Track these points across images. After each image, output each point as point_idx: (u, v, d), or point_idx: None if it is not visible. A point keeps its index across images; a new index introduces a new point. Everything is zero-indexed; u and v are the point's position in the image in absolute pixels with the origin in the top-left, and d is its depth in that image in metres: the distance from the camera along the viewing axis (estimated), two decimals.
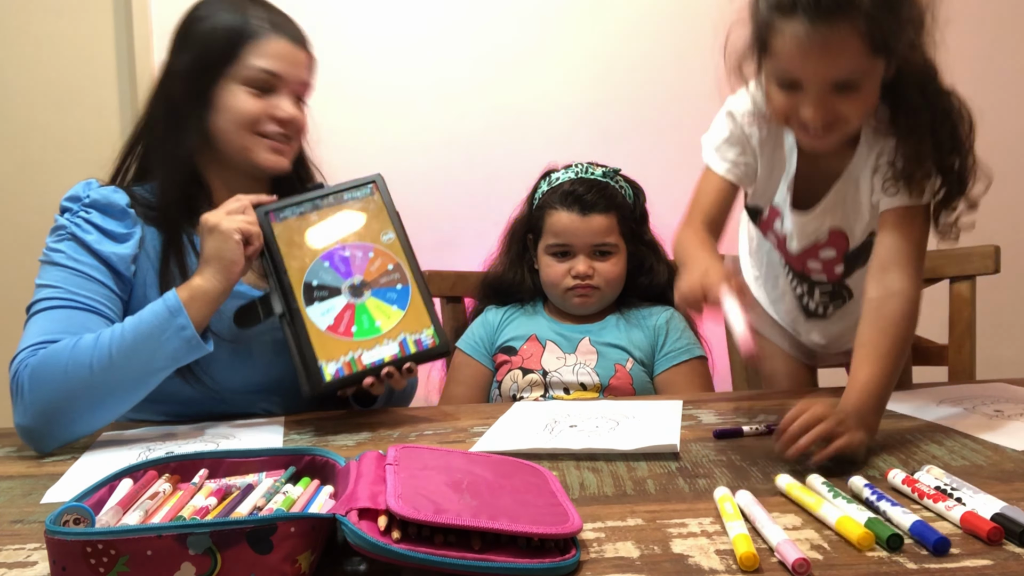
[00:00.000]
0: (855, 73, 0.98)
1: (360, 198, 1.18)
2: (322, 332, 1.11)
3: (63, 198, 1.21)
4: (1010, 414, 1.03)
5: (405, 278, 1.15)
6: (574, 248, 1.48)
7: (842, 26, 0.94)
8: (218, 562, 0.55)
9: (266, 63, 1.20)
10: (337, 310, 1.13)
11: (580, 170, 1.51)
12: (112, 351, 1.04)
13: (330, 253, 1.15)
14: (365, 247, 1.16)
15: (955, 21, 2.14)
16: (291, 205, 1.17)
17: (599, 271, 1.48)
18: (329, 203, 1.18)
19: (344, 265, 1.15)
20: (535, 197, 1.55)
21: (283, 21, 1.23)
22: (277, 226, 1.15)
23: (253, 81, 1.20)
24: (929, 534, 0.62)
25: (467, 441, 1.01)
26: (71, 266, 1.14)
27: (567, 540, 0.62)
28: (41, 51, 2.04)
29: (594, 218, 1.46)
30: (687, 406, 1.15)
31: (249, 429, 1.13)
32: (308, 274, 1.14)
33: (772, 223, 1.23)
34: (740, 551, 0.60)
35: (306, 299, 1.12)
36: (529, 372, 1.48)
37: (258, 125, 1.21)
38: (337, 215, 1.17)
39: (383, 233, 1.17)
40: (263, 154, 1.22)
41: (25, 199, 2.05)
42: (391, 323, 1.12)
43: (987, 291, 1.32)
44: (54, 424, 1.04)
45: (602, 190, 1.48)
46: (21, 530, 0.75)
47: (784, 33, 0.97)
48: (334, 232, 1.17)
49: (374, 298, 1.14)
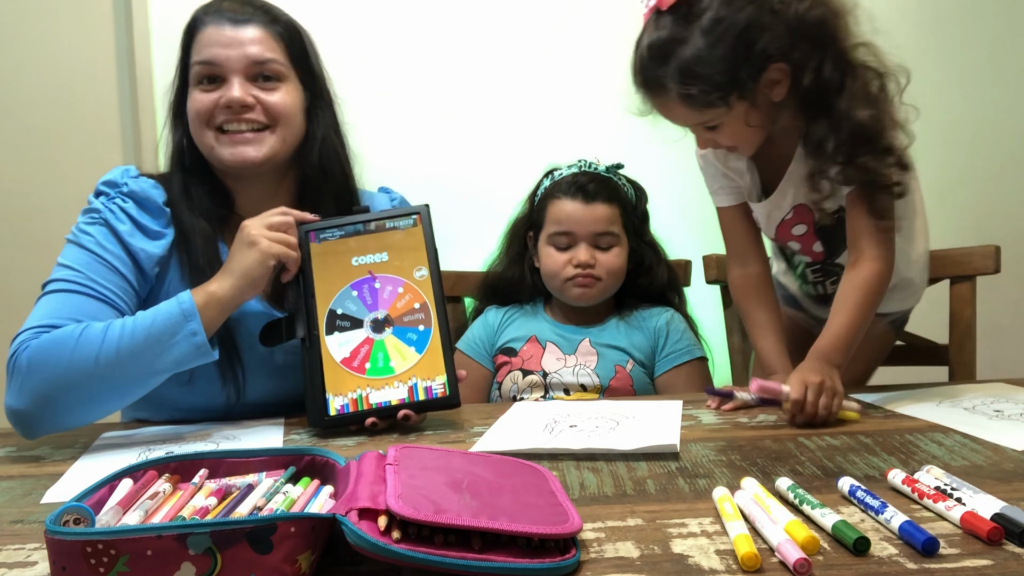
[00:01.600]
0: (705, 123, 1.16)
1: (402, 228, 1.16)
2: (336, 364, 1.09)
3: (100, 180, 1.18)
4: (1010, 414, 1.03)
5: (429, 320, 1.12)
6: (576, 236, 1.47)
7: (662, 99, 1.15)
8: (218, 562, 0.55)
9: (202, 55, 1.15)
10: (355, 343, 1.11)
11: (583, 164, 1.52)
12: (120, 346, 1.01)
13: (360, 282, 1.14)
14: (396, 281, 1.14)
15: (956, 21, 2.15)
16: (333, 227, 1.15)
17: (600, 261, 1.47)
18: (370, 229, 1.16)
19: (372, 297, 1.13)
20: (537, 193, 1.55)
21: (224, 5, 1.17)
22: (315, 247, 1.14)
23: (199, 77, 1.16)
24: (917, 535, 0.61)
25: (467, 441, 1.01)
26: (97, 252, 1.12)
27: (567, 540, 0.62)
28: (41, 52, 2.05)
29: (597, 206, 1.47)
30: (687, 406, 1.15)
31: (249, 429, 1.13)
32: (335, 301, 1.13)
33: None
34: (741, 551, 0.60)
35: (328, 327, 1.11)
36: (529, 373, 1.48)
37: (212, 119, 1.16)
38: (376, 243, 1.15)
39: (417, 269, 1.14)
40: (224, 150, 1.16)
41: (25, 199, 2.05)
42: (405, 365, 1.10)
43: (987, 291, 1.32)
44: (48, 411, 1.01)
45: (605, 182, 1.49)
46: (21, 530, 0.75)
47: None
48: (369, 261, 1.15)
49: (394, 336, 1.11)
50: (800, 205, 1.25)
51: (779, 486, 0.75)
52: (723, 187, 1.32)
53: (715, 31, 1.07)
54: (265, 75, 1.17)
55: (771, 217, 1.29)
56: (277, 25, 1.19)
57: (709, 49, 1.08)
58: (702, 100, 1.10)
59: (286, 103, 1.18)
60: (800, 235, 1.28)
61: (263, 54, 1.16)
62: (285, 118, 1.18)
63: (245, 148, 1.16)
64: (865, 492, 0.71)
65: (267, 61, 1.17)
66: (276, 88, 1.18)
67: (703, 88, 1.09)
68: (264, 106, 1.16)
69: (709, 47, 1.08)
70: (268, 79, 1.17)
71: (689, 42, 1.08)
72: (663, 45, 1.10)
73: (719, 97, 1.10)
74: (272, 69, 1.18)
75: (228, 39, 1.15)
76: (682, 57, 1.09)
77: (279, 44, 1.18)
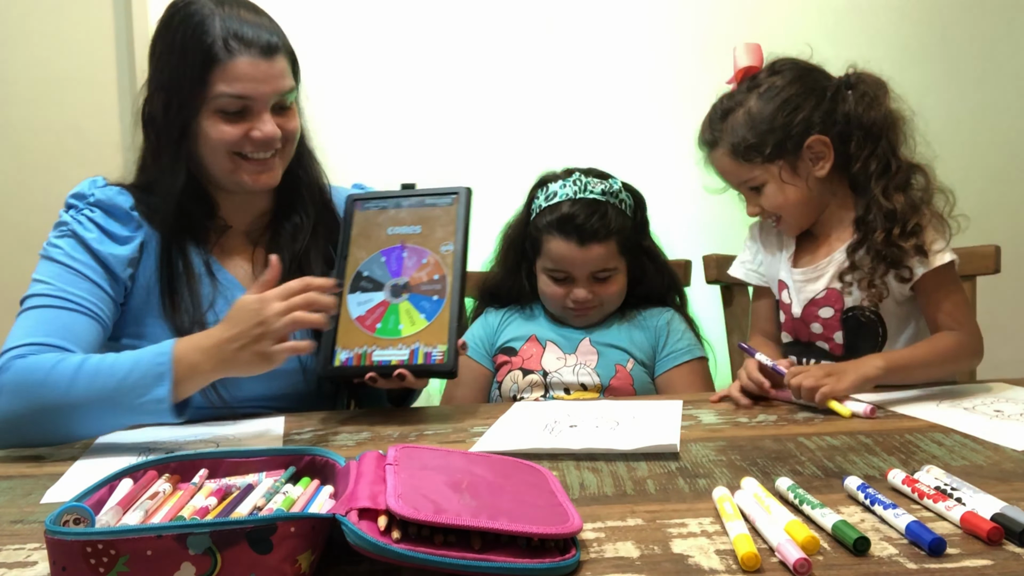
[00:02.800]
0: (749, 182, 1.30)
1: (439, 205, 1.22)
2: (351, 320, 1.16)
3: (69, 194, 1.20)
4: (1010, 414, 1.03)
5: (444, 292, 1.16)
6: (573, 276, 1.46)
7: (715, 154, 1.32)
8: (218, 562, 0.55)
9: (234, 88, 1.13)
10: (372, 304, 1.17)
11: (579, 188, 1.45)
12: (88, 388, 1.00)
13: (391, 250, 1.20)
14: (422, 252, 1.19)
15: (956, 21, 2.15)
16: (377, 199, 1.24)
17: (598, 293, 1.47)
18: (411, 203, 1.23)
19: (397, 264, 1.19)
20: (532, 209, 1.51)
21: (248, 31, 1.14)
22: (358, 215, 1.23)
23: (226, 107, 1.14)
24: (924, 535, 0.61)
25: (467, 441, 1.01)
26: (67, 263, 1.14)
27: (567, 540, 0.62)
28: (41, 50, 2.04)
29: (593, 248, 1.43)
30: (687, 406, 1.15)
31: (249, 429, 1.12)
32: (364, 264, 1.20)
33: (781, 296, 1.38)
34: (741, 551, 0.60)
35: (352, 286, 1.19)
36: (529, 373, 1.47)
37: (239, 148, 1.17)
38: (412, 216, 1.22)
39: (444, 244, 1.19)
40: (248, 176, 1.19)
41: (25, 198, 2.05)
42: (412, 330, 1.14)
43: (987, 291, 1.32)
44: (9, 433, 1.04)
45: (602, 216, 1.43)
46: (21, 530, 0.75)
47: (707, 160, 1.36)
48: (403, 231, 1.21)
49: (408, 302, 1.17)
50: (833, 289, 1.30)
51: (779, 486, 0.75)
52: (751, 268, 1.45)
53: (766, 96, 1.28)
54: (284, 104, 1.19)
55: (803, 291, 1.33)
56: (289, 49, 1.20)
57: (759, 110, 1.27)
58: (746, 155, 1.27)
59: (296, 127, 1.22)
60: (826, 318, 1.31)
61: (289, 84, 1.18)
62: (293, 142, 1.23)
63: (268, 175, 1.20)
64: (875, 491, 0.71)
65: (290, 91, 1.19)
66: (290, 113, 1.21)
67: (747, 145, 1.27)
68: (284, 133, 1.19)
69: (759, 109, 1.27)
70: (285, 107, 1.20)
71: (745, 105, 1.29)
72: (725, 108, 1.31)
73: (761, 154, 1.26)
74: (291, 97, 1.20)
75: (263, 74, 1.14)
76: (737, 116, 1.29)
77: (291, 66, 1.20)
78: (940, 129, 2.01)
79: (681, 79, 2.02)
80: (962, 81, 2.08)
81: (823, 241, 1.34)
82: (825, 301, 1.31)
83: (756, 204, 1.32)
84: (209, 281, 1.21)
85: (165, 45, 1.17)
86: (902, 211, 1.23)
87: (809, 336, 1.35)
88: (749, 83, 1.30)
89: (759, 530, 0.65)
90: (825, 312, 1.31)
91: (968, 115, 2.08)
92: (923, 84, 2.07)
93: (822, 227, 1.34)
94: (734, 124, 1.29)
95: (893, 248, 1.22)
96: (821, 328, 1.32)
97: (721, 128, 1.30)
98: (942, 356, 1.20)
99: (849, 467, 0.84)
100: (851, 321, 1.30)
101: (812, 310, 1.33)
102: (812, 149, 1.27)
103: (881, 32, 2.06)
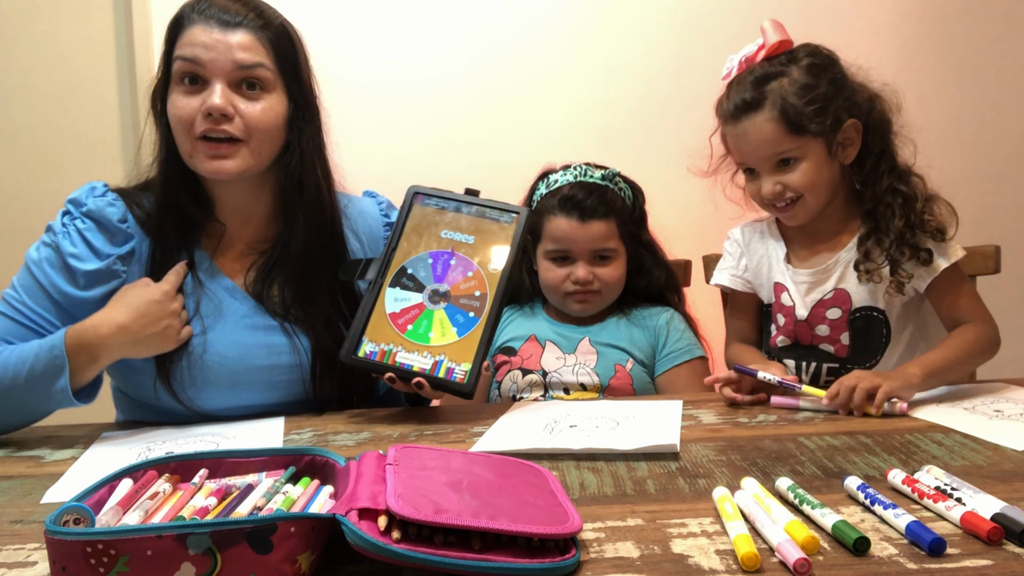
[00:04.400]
0: (787, 153, 1.25)
1: (498, 220, 1.21)
2: (385, 314, 1.16)
3: (68, 197, 1.20)
4: (1010, 414, 1.03)
5: (482, 310, 1.15)
6: (573, 254, 1.47)
7: (752, 119, 1.26)
8: (218, 562, 0.55)
9: (184, 51, 1.11)
10: (409, 304, 1.17)
11: (579, 173, 1.49)
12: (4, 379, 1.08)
13: (439, 254, 1.19)
14: (469, 264, 1.18)
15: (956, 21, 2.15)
16: (439, 197, 1.23)
17: (599, 276, 1.47)
18: (471, 211, 1.22)
19: (443, 270, 1.18)
20: (533, 199, 1.54)
21: (216, 4, 1.13)
22: (416, 208, 1.22)
23: (180, 75, 1.12)
24: (925, 535, 0.61)
25: (467, 441, 1.01)
26: (39, 279, 1.16)
27: (567, 540, 0.62)
28: (41, 51, 2.04)
29: (593, 224, 1.45)
30: (687, 406, 1.15)
31: (249, 429, 1.12)
32: (410, 261, 1.19)
33: (779, 299, 1.36)
34: (742, 551, 0.60)
35: (393, 280, 1.18)
36: (529, 372, 1.47)
37: (193, 127, 1.12)
38: (469, 225, 1.21)
39: (493, 261, 1.18)
40: (203, 161, 1.13)
41: (25, 199, 2.05)
42: (442, 341, 1.14)
43: (987, 291, 1.32)
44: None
45: (601, 195, 1.46)
46: (21, 530, 0.75)
47: (729, 134, 1.31)
48: (456, 238, 1.20)
49: (444, 312, 1.16)
50: (842, 289, 1.31)
51: (779, 486, 0.75)
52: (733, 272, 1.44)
53: (813, 71, 1.26)
54: (249, 82, 1.13)
55: (811, 293, 1.32)
56: (268, 30, 1.15)
57: (808, 82, 1.24)
58: (793, 123, 1.23)
59: (266, 116, 1.14)
60: (833, 319, 1.31)
61: (249, 59, 1.12)
62: (262, 132, 1.15)
63: (222, 162, 1.13)
64: (875, 491, 0.71)
65: (253, 67, 1.13)
66: (258, 98, 1.14)
67: (797, 111, 1.23)
68: (243, 117, 1.13)
69: (808, 81, 1.25)
70: (252, 87, 1.14)
71: (789, 75, 1.26)
72: (766, 74, 1.26)
73: (807, 125, 1.23)
74: (257, 76, 1.13)
75: (215, 41, 1.11)
76: (783, 83, 1.25)
77: (268, 50, 1.14)
78: (940, 129, 2.02)
79: (681, 79, 2.02)
80: (962, 81, 2.08)
81: (823, 240, 1.34)
82: (833, 302, 1.31)
83: (779, 181, 1.27)
84: (197, 288, 1.19)
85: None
86: (919, 194, 1.26)
87: (812, 339, 1.34)
88: (786, 56, 1.27)
89: (759, 530, 0.65)
90: (833, 313, 1.31)
91: (968, 115, 2.08)
92: (923, 84, 2.07)
93: (823, 224, 1.33)
94: (781, 90, 1.24)
95: (913, 230, 1.23)
96: (828, 330, 1.32)
97: (764, 92, 1.25)
98: (971, 351, 1.20)
99: (849, 467, 0.84)
100: (859, 321, 1.30)
101: (819, 311, 1.32)
102: (846, 133, 1.26)
103: (881, 32, 2.05)
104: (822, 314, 1.32)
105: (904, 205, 1.25)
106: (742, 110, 1.27)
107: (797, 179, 1.26)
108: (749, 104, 1.26)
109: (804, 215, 1.30)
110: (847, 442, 0.93)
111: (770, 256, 1.39)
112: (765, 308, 1.42)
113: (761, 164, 1.28)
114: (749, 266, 1.42)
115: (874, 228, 1.27)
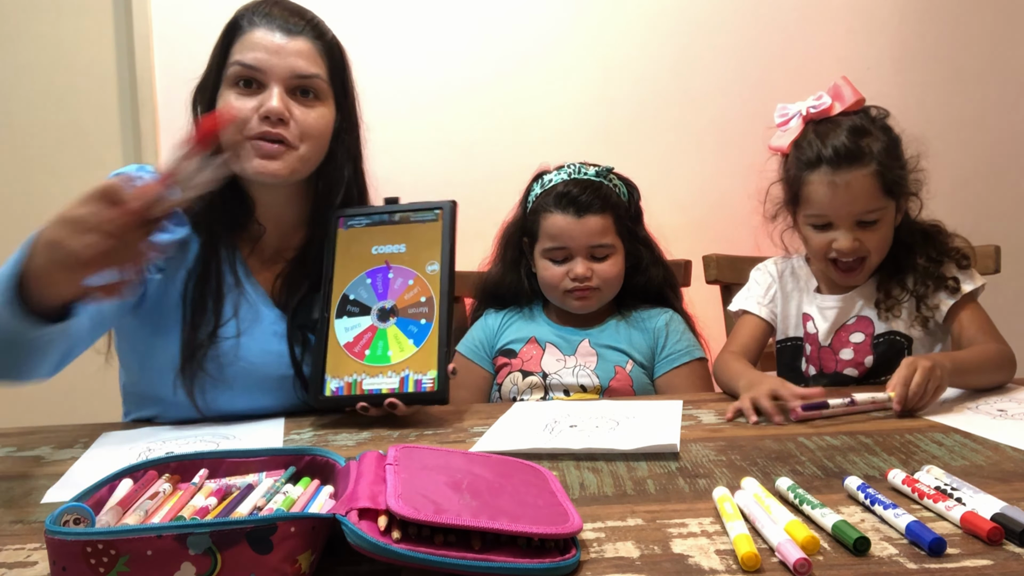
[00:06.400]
0: (873, 213, 1.23)
1: (424, 221, 1.19)
2: (340, 347, 1.14)
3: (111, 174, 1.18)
4: (1012, 414, 1.03)
5: (431, 315, 1.14)
6: (571, 250, 1.47)
7: (857, 171, 1.21)
8: (218, 562, 0.55)
9: (245, 57, 1.13)
10: (360, 329, 1.15)
11: (573, 170, 1.49)
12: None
13: (376, 271, 1.18)
14: (408, 273, 1.17)
15: (956, 21, 2.15)
16: (361, 215, 1.20)
17: (597, 272, 1.47)
18: (395, 220, 1.20)
19: (383, 286, 1.17)
20: (528, 200, 1.54)
21: (275, 11, 1.16)
22: (342, 233, 1.19)
23: (236, 78, 1.14)
24: (925, 535, 0.61)
25: (467, 441, 1.01)
26: None
27: (567, 540, 0.62)
28: (41, 52, 2.05)
29: (590, 219, 1.45)
30: (687, 406, 1.15)
31: (249, 429, 1.12)
32: (349, 287, 1.17)
33: (806, 327, 1.38)
34: (742, 551, 0.60)
35: (339, 311, 1.16)
36: (529, 374, 1.47)
37: (248, 126, 1.13)
38: (397, 234, 1.19)
39: (430, 263, 1.17)
40: (251, 160, 1.13)
41: (25, 199, 2.05)
42: (401, 356, 1.13)
43: (987, 291, 1.33)
44: None
45: (596, 190, 1.46)
46: (21, 530, 0.75)
47: (817, 181, 1.24)
48: (388, 251, 1.18)
49: (396, 327, 1.14)
50: (864, 316, 1.33)
51: (779, 486, 0.75)
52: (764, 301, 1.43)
53: (891, 134, 1.27)
54: (304, 90, 1.16)
55: (835, 320, 1.34)
56: (323, 41, 1.18)
57: (895, 147, 1.26)
58: (887, 183, 1.23)
59: (319, 123, 1.17)
60: (857, 343, 1.33)
61: (307, 68, 1.15)
62: (314, 139, 1.17)
63: (270, 162, 1.14)
64: (875, 491, 0.71)
65: (310, 76, 1.16)
66: (313, 106, 1.17)
67: (894, 173, 1.23)
68: (298, 123, 1.14)
69: (895, 146, 1.26)
70: (307, 94, 1.16)
71: (875, 135, 1.25)
72: (859, 127, 1.25)
73: (896, 189, 1.25)
74: (313, 85, 1.16)
75: (276, 47, 1.14)
76: (877, 142, 1.24)
77: (324, 61, 1.18)
78: (941, 129, 2.02)
79: (681, 80, 2.03)
80: (962, 81, 2.09)
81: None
82: (856, 327, 1.33)
83: (857, 239, 1.25)
84: (237, 290, 1.19)
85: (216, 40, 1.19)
86: (936, 232, 1.30)
87: (836, 365, 1.34)
88: (865, 114, 1.27)
89: (759, 530, 0.65)
90: (856, 337, 1.33)
91: (968, 115, 2.08)
92: (923, 84, 2.07)
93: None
94: (880, 150, 1.23)
95: (938, 264, 1.27)
96: (852, 353, 1.33)
97: (868, 144, 1.23)
98: (992, 361, 1.18)
99: (849, 467, 0.84)
100: (882, 345, 1.32)
101: (843, 336, 1.33)
102: (910, 200, 1.30)
103: (881, 32, 2.06)
104: (845, 338, 1.33)
105: (925, 242, 1.29)
106: (845, 159, 1.22)
107: (875, 240, 1.26)
108: (853, 154, 1.22)
109: (864, 276, 1.31)
110: (847, 442, 0.93)
111: (800, 290, 1.41)
112: (791, 343, 1.42)
113: (845, 219, 1.25)
114: (777, 298, 1.42)
115: (895, 270, 1.29)
